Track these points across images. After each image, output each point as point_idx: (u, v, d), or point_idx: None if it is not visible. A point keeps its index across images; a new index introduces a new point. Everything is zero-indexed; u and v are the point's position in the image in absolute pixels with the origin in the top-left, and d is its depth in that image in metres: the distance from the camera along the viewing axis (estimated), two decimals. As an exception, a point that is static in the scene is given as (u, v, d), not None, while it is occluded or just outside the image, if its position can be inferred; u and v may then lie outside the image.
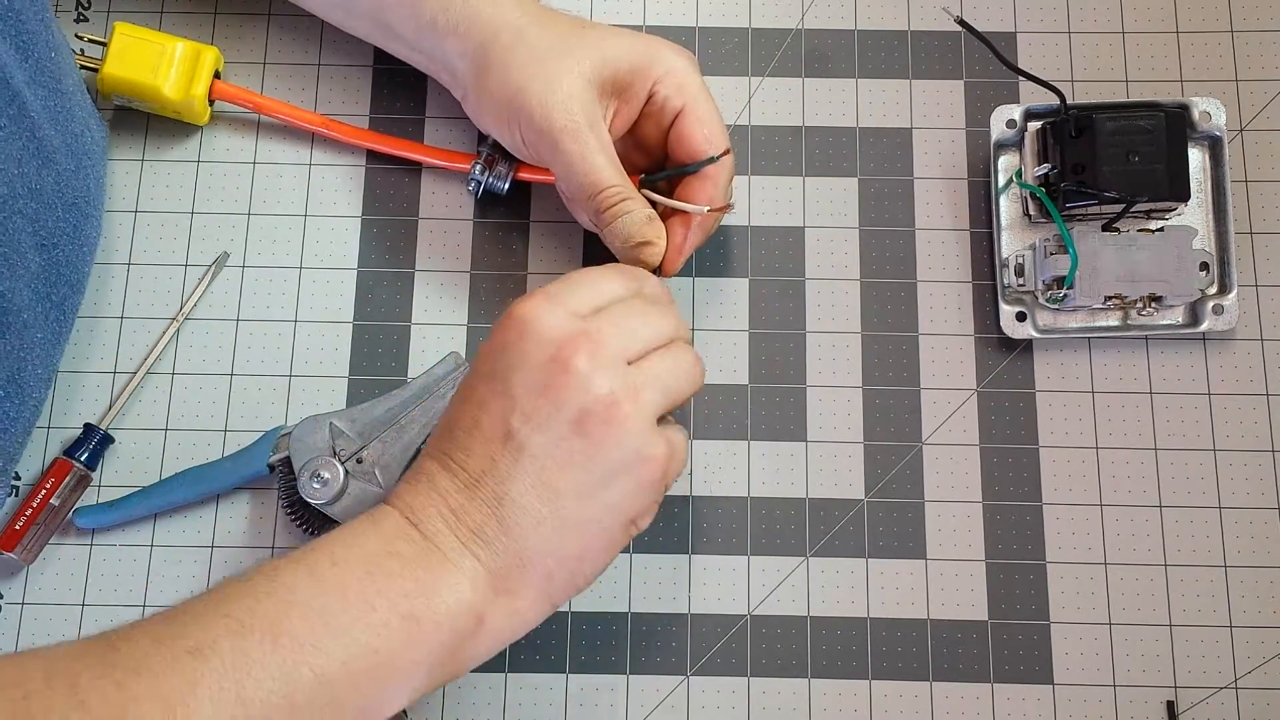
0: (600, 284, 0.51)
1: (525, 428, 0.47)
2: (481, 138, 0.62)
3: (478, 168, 0.61)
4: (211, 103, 0.63)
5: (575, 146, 0.55)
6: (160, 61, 0.61)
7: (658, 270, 0.56)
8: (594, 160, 0.55)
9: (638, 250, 0.56)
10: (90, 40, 0.62)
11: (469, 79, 0.58)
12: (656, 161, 0.60)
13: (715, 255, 0.62)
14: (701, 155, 0.57)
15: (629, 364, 0.49)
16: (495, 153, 0.61)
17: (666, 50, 0.57)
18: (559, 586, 0.48)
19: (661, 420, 0.51)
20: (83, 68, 0.61)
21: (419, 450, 0.54)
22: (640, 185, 0.58)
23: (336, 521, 0.55)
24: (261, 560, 0.47)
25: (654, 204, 0.57)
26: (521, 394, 0.47)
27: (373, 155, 0.64)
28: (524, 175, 0.61)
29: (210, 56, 0.62)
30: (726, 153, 0.57)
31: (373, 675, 0.44)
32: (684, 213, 0.57)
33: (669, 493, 0.59)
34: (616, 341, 0.49)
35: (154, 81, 0.61)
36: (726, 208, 0.58)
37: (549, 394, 0.47)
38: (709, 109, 0.57)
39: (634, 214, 0.55)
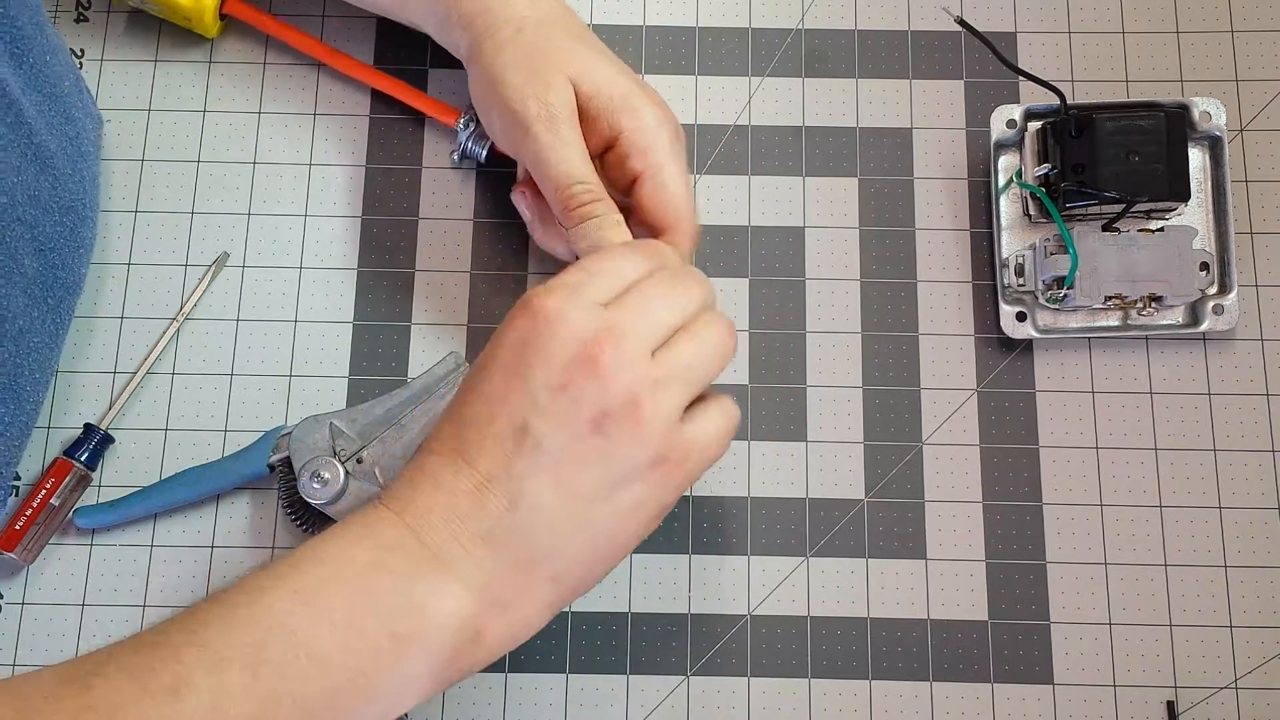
0: (621, 268, 0.49)
1: (544, 425, 0.45)
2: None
3: (460, 123, 0.62)
4: (223, 17, 0.64)
5: (546, 136, 0.54)
6: None
7: None
8: (565, 151, 0.54)
9: None
10: None
11: (468, 65, 0.58)
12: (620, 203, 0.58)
13: (715, 255, 0.62)
14: (657, 225, 0.55)
15: (654, 354, 0.47)
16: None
17: (646, 105, 0.55)
18: (566, 590, 0.47)
19: (698, 402, 0.49)
20: None
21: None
22: None
23: (336, 521, 0.55)
24: (246, 575, 0.44)
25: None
26: (541, 391, 0.45)
27: (373, 156, 0.64)
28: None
29: None
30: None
31: (359, 698, 0.43)
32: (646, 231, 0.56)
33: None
34: (640, 333, 0.47)
35: None
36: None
37: (569, 391, 0.45)
38: (673, 179, 0.55)
39: (604, 217, 0.54)
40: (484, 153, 0.62)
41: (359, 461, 0.56)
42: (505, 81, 0.55)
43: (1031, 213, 0.61)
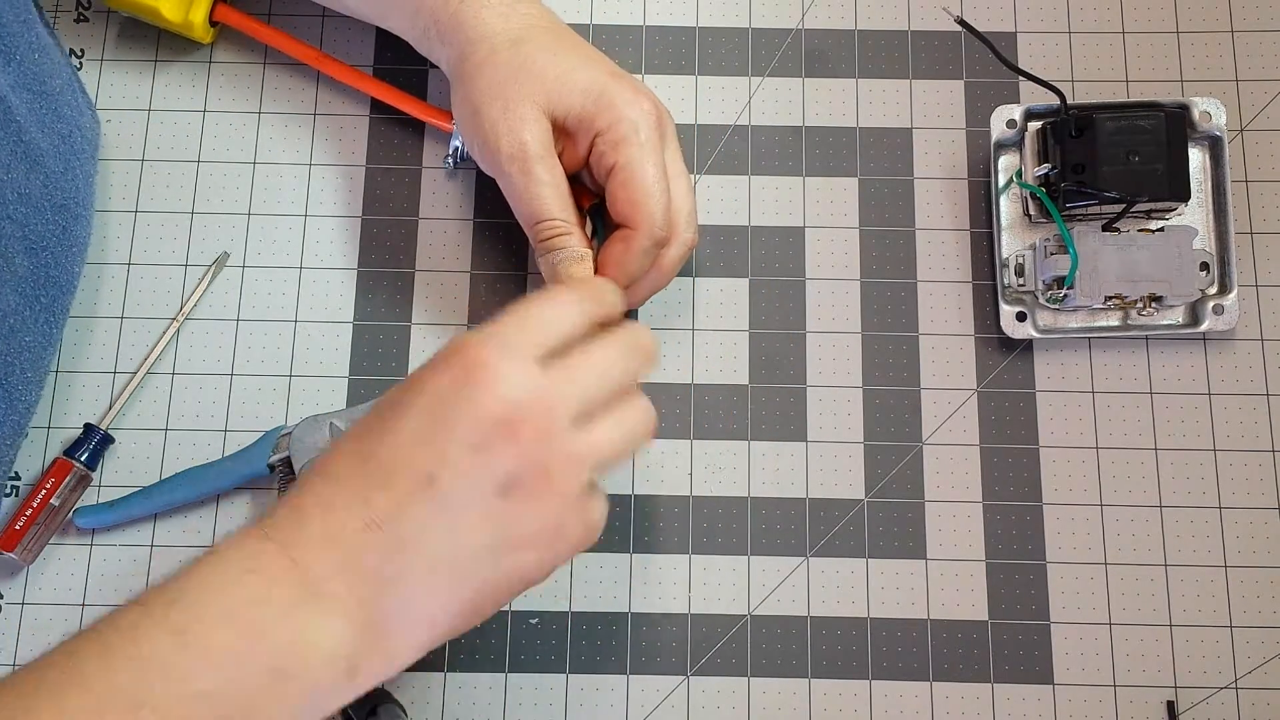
0: (557, 316, 0.48)
1: (451, 479, 0.44)
2: None
3: (456, 125, 0.61)
4: (215, 24, 0.64)
5: (519, 176, 0.55)
6: None
7: None
8: (536, 190, 0.55)
9: None
10: None
11: (450, 82, 0.58)
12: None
13: (715, 255, 0.62)
14: (625, 219, 0.55)
15: (576, 423, 0.46)
16: None
17: (621, 101, 0.55)
18: (440, 633, 0.46)
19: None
20: None
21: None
22: (589, 210, 0.58)
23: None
24: (122, 608, 0.43)
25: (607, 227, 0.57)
26: (457, 446, 0.44)
27: (373, 156, 0.64)
28: None
29: None
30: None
31: None
32: (618, 254, 0.55)
33: (670, 492, 0.59)
34: (569, 406, 0.46)
35: (153, 2, 0.62)
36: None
37: (485, 453, 0.44)
38: (642, 173, 0.54)
39: (566, 251, 0.55)
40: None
41: (359, 461, 0.56)
42: (480, 114, 0.55)
43: (1031, 213, 0.61)
